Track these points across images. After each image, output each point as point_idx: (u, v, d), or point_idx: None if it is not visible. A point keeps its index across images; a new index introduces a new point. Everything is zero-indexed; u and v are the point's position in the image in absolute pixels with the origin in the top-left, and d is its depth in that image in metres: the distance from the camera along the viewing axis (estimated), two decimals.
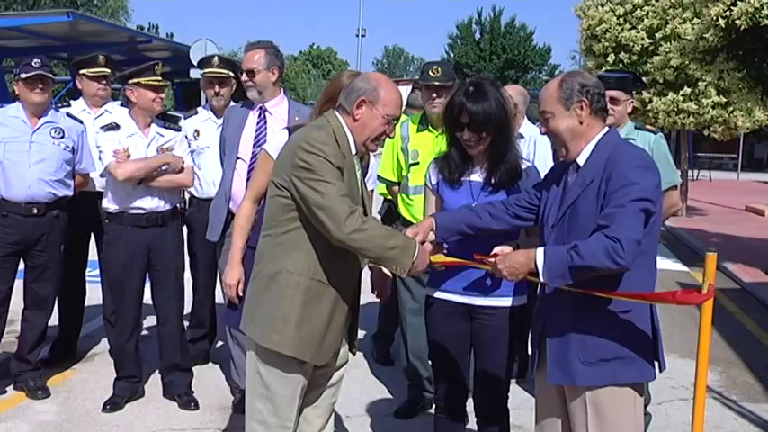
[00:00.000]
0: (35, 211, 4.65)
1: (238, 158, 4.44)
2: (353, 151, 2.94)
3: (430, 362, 3.74)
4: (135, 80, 4.49)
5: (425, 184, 3.46)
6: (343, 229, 2.71)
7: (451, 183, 3.28)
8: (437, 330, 3.38)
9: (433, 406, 3.65)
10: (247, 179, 4.31)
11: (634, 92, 4.60)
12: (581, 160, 2.77)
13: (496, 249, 2.94)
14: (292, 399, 2.93)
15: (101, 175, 4.67)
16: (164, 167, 4.53)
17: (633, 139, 4.20)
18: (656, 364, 2.80)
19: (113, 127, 4.52)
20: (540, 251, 2.68)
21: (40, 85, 4.66)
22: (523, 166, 3.27)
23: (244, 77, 4.40)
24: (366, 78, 2.96)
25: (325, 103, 3.25)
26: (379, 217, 5.41)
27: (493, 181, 3.21)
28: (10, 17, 20.26)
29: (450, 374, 3.39)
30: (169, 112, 21.27)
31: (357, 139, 2.93)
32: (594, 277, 2.60)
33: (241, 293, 3.40)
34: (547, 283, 2.67)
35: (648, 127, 4.54)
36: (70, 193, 4.84)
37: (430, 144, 4.35)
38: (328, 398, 3.16)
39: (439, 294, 3.33)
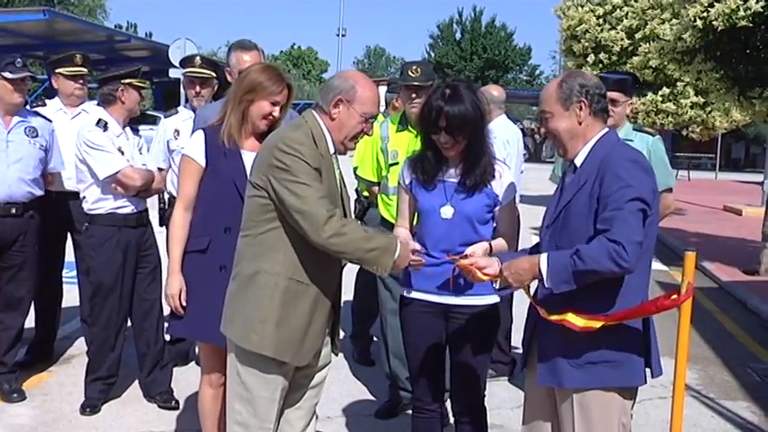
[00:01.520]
0: (13, 211, 4.61)
1: None
2: (332, 150, 2.94)
3: None
4: (128, 81, 4.48)
5: (399, 184, 3.45)
6: (322, 233, 2.71)
7: (426, 184, 3.27)
8: (412, 330, 3.38)
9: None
10: None
11: (632, 93, 4.62)
12: (578, 161, 2.77)
13: (468, 250, 2.95)
14: (272, 400, 2.91)
15: (100, 176, 4.41)
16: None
17: (631, 141, 4.20)
18: (647, 368, 2.78)
19: (106, 126, 4.47)
20: (543, 257, 2.66)
21: (22, 86, 4.63)
22: (497, 167, 3.27)
23: (230, 78, 4.33)
24: (343, 76, 2.96)
25: (243, 95, 3.28)
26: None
27: (467, 183, 3.21)
28: None
29: (427, 374, 3.38)
30: (148, 112, 21.17)
31: (335, 137, 2.93)
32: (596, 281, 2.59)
33: (184, 302, 3.40)
34: (552, 288, 2.63)
35: (647, 129, 4.55)
36: (42, 192, 4.80)
37: (409, 144, 4.35)
38: (310, 399, 3.14)
39: (413, 294, 3.32)
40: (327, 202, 2.77)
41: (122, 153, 4.43)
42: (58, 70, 5.24)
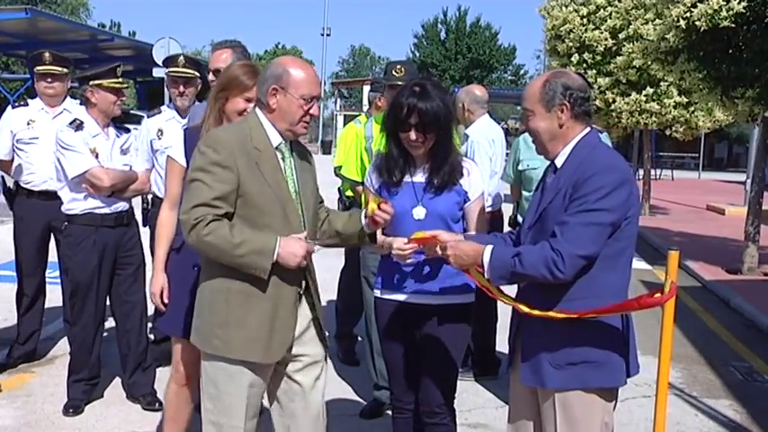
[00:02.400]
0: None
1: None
2: (275, 142, 2.89)
3: None
4: (96, 82, 4.42)
5: (367, 187, 3.42)
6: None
7: (392, 184, 3.25)
8: (387, 331, 3.37)
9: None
10: None
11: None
12: (558, 162, 2.76)
13: (435, 232, 2.91)
14: (241, 398, 2.88)
15: (68, 176, 4.44)
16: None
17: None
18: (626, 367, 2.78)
19: (80, 126, 4.43)
20: (488, 249, 2.70)
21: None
22: (465, 164, 3.28)
23: (210, 77, 4.36)
24: (274, 64, 2.92)
25: (218, 93, 3.30)
26: None
27: (436, 181, 3.20)
28: None
29: (405, 374, 3.37)
30: (132, 111, 21.04)
31: (279, 127, 2.88)
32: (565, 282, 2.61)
33: (166, 300, 3.44)
34: (490, 280, 2.70)
35: (594, 126, 4.57)
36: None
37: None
38: (312, 395, 3.09)
39: (386, 295, 3.32)
40: (219, 202, 2.73)
41: (96, 154, 4.39)
42: (34, 69, 5.20)
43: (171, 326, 3.50)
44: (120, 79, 4.52)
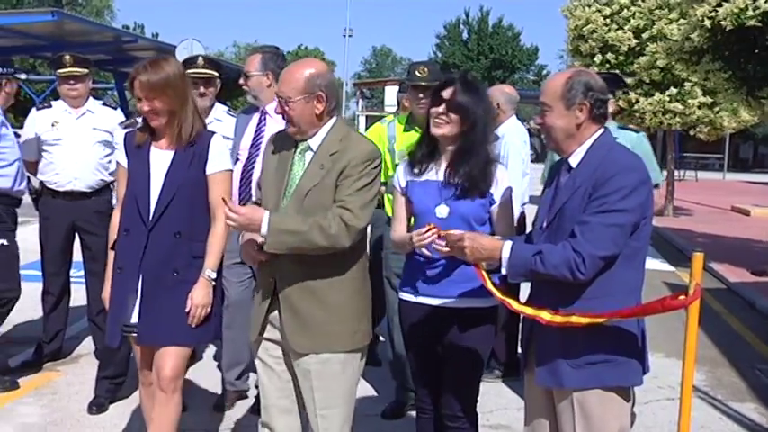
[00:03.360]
0: None
1: (237, 159, 4.46)
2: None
3: None
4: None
5: (393, 185, 3.40)
6: None
7: (417, 173, 3.24)
8: (411, 334, 3.35)
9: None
10: (241, 179, 4.39)
11: (617, 92, 4.61)
12: (573, 161, 2.74)
13: (455, 232, 2.88)
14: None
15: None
16: None
17: (615, 138, 4.18)
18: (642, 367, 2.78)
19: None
20: (507, 245, 2.69)
21: None
22: (497, 172, 3.22)
23: (241, 80, 4.47)
24: None
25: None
26: None
27: (460, 182, 3.16)
28: None
29: (429, 376, 3.36)
30: None
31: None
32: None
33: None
34: (508, 276, 2.70)
35: (631, 126, 4.54)
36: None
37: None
38: (309, 402, 3.07)
39: (411, 297, 3.29)
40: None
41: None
42: (56, 72, 5.27)
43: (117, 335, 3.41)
44: None
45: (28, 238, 5.69)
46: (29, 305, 6.33)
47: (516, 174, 4.95)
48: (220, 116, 5.02)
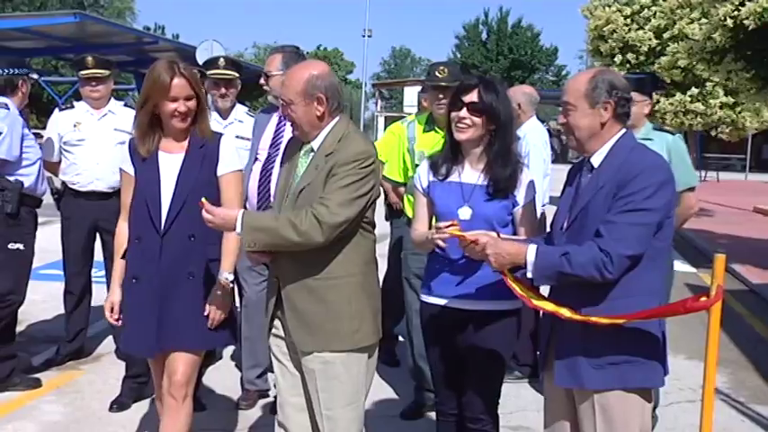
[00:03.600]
0: None
1: (256, 159, 4.48)
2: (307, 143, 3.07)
3: None
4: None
5: (415, 186, 3.38)
6: None
7: (440, 178, 3.21)
8: (433, 336, 3.33)
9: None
10: (260, 178, 4.40)
11: (653, 93, 4.56)
12: (595, 161, 2.73)
13: (475, 233, 2.87)
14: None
15: None
16: None
17: (651, 140, 4.15)
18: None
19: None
20: (532, 249, 2.67)
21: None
22: (521, 175, 3.19)
23: (262, 80, 4.48)
24: None
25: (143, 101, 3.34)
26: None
27: (489, 186, 3.14)
28: (18, 18, 20.34)
29: (450, 379, 3.34)
30: None
31: None
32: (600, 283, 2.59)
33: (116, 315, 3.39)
34: (533, 279, 2.68)
35: (667, 128, 4.50)
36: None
37: (436, 145, 4.34)
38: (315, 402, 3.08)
39: (433, 300, 3.26)
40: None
41: None
42: (78, 73, 5.32)
43: (120, 340, 3.45)
44: None
45: (50, 238, 5.75)
46: (51, 305, 6.40)
47: (537, 174, 4.92)
48: (241, 117, 5.05)
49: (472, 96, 3.09)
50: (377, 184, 2.99)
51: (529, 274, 2.67)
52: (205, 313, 3.23)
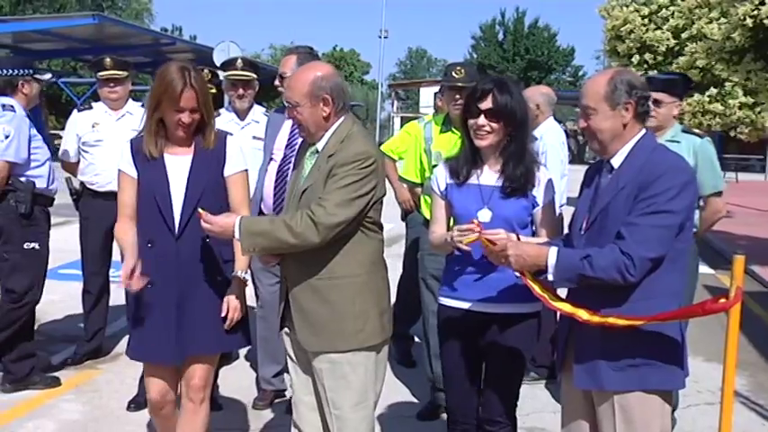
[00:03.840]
0: None
1: (271, 159, 4.49)
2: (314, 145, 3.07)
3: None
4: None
5: (432, 188, 3.35)
6: None
7: (459, 182, 3.19)
8: (450, 339, 3.28)
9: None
10: (276, 179, 4.40)
11: (684, 94, 4.49)
12: (615, 162, 2.71)
13: (494, 231, 2.87)
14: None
15: None
16: None
17: (678, 142, 4.11)
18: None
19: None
20: (553, 251, 2.66)
21: None
22: (538, 173, 3.17)
23: (276, 81, 4.48)
24: None
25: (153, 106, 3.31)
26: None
27: (505, 185, 3.12)
28: (37, 20, 20.53)
29: (463, 385, 3.29)
30: None
31: None
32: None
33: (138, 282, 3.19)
34: (554, 282, 2.67)
35: (695, 130, 4.44)
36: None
37: (453, 145, 4.33)
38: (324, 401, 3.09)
39: (454, 303, 3.23)
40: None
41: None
42: (96, 75, 5.36)
43: (129, 349, 3.34)
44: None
45: (68, 238, 5.81)
46: (70, 304, 6.45)
47: (555, 175, 4.91)
48: (258, 117, 5.06)
49: (488, 102, 3.06)
50: (379, 185, 2.98)
51: (549, 277, 2.66)
52: (222, 314, 3.22)
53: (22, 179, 4.72)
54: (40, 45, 20.37)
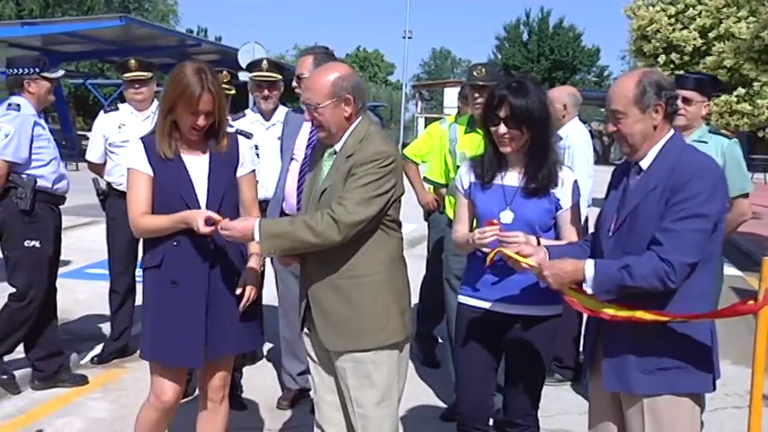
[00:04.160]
0: None
1: (292, 159, 4.51)
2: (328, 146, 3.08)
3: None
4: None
5: (456, 188, 3.35)
6: None
7: (483, 183, 3.17)
8: (466, 341, 3.25)
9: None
10: (299, 179, 4.41)
11: (712, 94, 4.47)
12: (644, 164, 2.69)
13: (515, 233, 2.88)
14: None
15: None
16: None
17: (705, 143, 4.08)
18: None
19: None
20: (590, 264, 2.63)
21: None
22: (561, 173, 3.14)
23: (294, 83, 4.48)
24: None
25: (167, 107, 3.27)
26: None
27: (528, 186, 3.10)
28: (66, 23, 20.77)
29: (477, 389, 3.26)
30: None
31: None
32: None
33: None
34: (594, 294, 2.63)
35: (723, 131, 4.41)
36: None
37: (478, 146, 4.32)
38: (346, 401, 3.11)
39: (472, 302, 3.22)
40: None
41: None
42: (122, 76, 5.40)
43: (148, 350, 3.29)
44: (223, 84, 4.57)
45: (95, 238, 5.87)
46: (97, 304, 6.51)
47: (582, 175, 4.89)
48: (283, 118, 5.07)
49: (505, 110, 3.03)
50: (398, 183, 2.99)
51: (588, 290, 2.63)
52: (238, 291, 3.18)
53: (24, 176, 4.71)
54: (68, 47, 20.61)
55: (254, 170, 3.38)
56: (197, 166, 3.20)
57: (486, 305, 3.18)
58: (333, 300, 2.99)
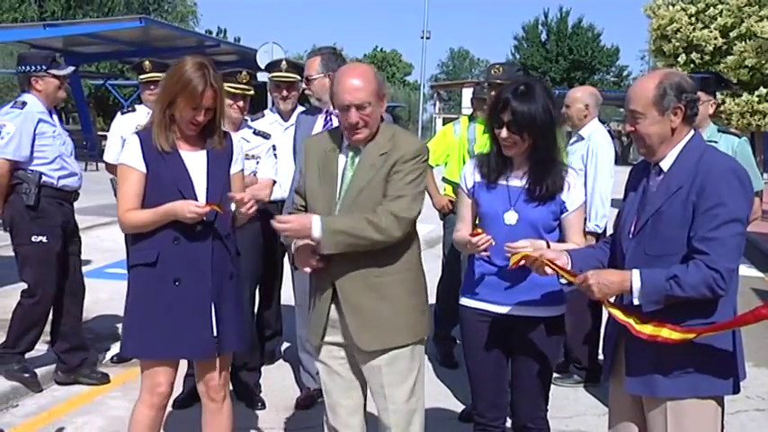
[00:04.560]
0: None
1: None
2: (344, 145, 3.04)
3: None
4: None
5: (460, 187, 3.33)
6: None
7: (488, 182, 3.16)
8: (474, 342, 3.25)
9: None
10: None
11: (717, 93, 4.48)
12: (665, 165, 2.67)
13: (518, 243, 2.88)
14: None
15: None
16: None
17: (716, 142, 4.07)
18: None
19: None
20: (636, 274, 2.60)
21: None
22: (568, 177, 3.12)
23: (304, 84, 4.49)
24: None
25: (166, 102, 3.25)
26: None
27: (532, 188, 3.08)
28: (86, 24, 20.92)
29: (489, 388, 3.26)
30: None
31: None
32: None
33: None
34: (642, 306, 2.60)
35: (732, 130, 4.41)
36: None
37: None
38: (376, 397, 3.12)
39: (475, 304, 3.21)
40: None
41: None
42: (138, 77, 5.44)
43: (148, 348, 3.25)
44: (243, 85, 4.55)
45: (115, 237, 5.90)
46: (117, 303, 6.54)
47: (605, 175, 4.88)
48: None
49: (508, 114, 3.01)
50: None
51: (636, 301, 2.60)
52: (238, 197, 3.10)
53: (29, 172, 4.73)
54: (89, 48, 20.75)
55: (242, 169, 3.39)
56: (195, 161, 3.18)
57: (486, 306, 3.17)
58: (369, 299, 2.97)
